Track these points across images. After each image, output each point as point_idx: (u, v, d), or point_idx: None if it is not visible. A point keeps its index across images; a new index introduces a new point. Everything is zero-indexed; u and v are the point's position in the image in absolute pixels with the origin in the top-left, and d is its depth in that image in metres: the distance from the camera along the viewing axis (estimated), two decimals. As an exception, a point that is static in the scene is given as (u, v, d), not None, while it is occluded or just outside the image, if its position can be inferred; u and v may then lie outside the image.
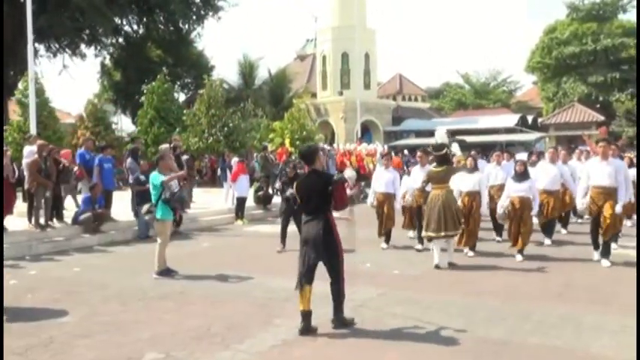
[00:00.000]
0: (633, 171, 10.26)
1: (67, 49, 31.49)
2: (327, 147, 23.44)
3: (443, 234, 7.96)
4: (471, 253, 8.94)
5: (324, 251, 5.36)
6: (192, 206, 13.72)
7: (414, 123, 38.25)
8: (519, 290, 6.82)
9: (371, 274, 7.80)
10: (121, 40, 33.68)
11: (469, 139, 24.65)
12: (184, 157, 14.12)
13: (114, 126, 25.11)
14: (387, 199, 9.78)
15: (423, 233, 8.44)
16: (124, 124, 36.59)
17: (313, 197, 5.42)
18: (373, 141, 30.96)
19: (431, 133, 36.40)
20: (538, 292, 6.72)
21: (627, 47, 38.61)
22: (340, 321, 5.41)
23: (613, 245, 8.83)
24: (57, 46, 31.03)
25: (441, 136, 8.72)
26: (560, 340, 4.99)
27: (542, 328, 5.31)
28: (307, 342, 5.10)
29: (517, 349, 4.81)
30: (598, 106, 38.11)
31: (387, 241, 9.90)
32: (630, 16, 40.87)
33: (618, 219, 8.23)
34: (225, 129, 21.00)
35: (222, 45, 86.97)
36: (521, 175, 8.91)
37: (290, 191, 9.10)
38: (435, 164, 8.48)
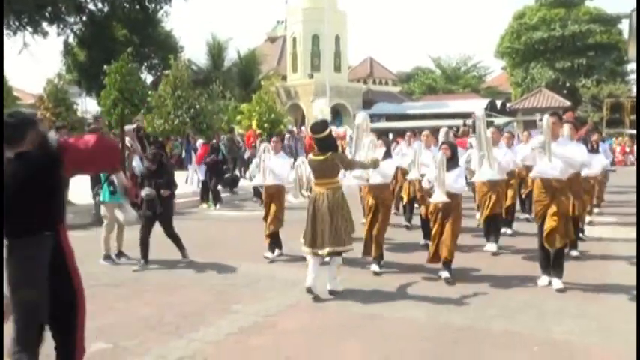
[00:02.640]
0: (596, 157, 9.24)
1: (27, 27, 30.27)
2: (295, 129, 23.18)
3: (323, 250, 5.74)
4: (376, 268, 6.80)
5: (49, 299, 3.10)
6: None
7: (385, 107, 38.19)
8: (482, 276, 6.75)
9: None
10: (85, 18, 32.52)
11: (439, 123, 24.75)
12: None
13: (76, 107, 24.26)
14: (277, 192, 7.79)
15: (302, 246, 6.08)
16: (88, 106, 35.66)
17: (22, 201, 3.05)
18: (343, 124, 30.78)
19: (401, 117, 36.46)
20: (501, 278, 6.65)
21: (593, 33, 39.23)
22: None
23: (573, 252, 7.37)
24: (17, 23, 29.79)
25: (321, 110, 6.80)
26: (522, 326, 4.92)
27: (505, 314, 5.22)
28: (265, 330, 4.91)
29: (478, 335, 4.71)
30: (565, 91, 38.67)
31: (273, 248, 7.70)
32: (596, 3, 41.59)
33: (570, 222, 6.25)
34: (192, 111, 20.53)
35: (192, 26, 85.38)
36: (448, 163, 6.45)
37: (146, 191, 7.35)
38: (315, 150, 6.10)
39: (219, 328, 4.94)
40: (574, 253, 7.46)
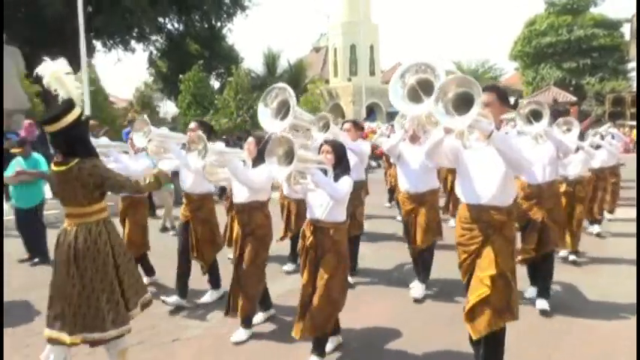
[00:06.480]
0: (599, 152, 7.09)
1: (119, 45, 31.21)
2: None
3: (60, 335, 2.96)
4: (240, 335, 4.04)
5: None
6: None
7: (412, 105, 37.56)
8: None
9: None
10: (164, 36, 33.27)
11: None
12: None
13: (158, 109, 24.97)
14: (132, 206, 5.13)
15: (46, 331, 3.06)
16: (168, 108, 36.58)
17: None
18: (377, 120, 30.52)
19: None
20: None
21: (597, 37, 37.39)
22: None
23: (540, 303, 4.46)
24: (111, 42, 30.73)
25: (54, 77, 3.11)
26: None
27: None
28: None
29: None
30: (571, 88, 37.04)
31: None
32: (600, 9, 39.64)
33: (514, 285, 2.95)
34: (251, 111, 20.85)
35: (250, 39, 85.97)
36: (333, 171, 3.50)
37: None
38: (59, 156, 3.06)
39: (222, 315, 4.31)
40: (541, 305, 4.41)
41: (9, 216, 7.53)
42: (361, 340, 4.00)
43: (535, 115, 4.20)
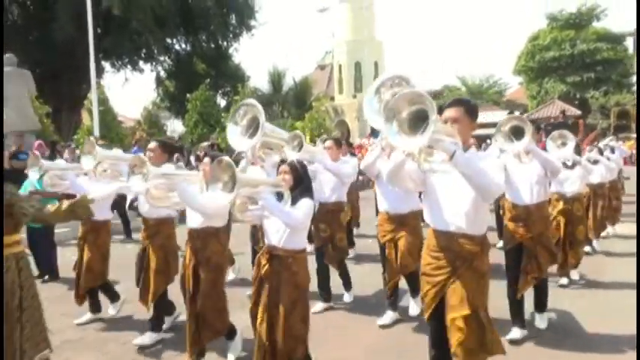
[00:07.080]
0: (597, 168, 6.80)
1: (128, 66, 31.84)
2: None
3: None
4: None
5: None
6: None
7: (417, 120, 37.68)
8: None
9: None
10: (171, 56, 33.86)
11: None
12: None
13: (165, 128, 25.32)
14: (93, 231, 4.66)
15: None
16: (176, 126, 37.00)
17: None
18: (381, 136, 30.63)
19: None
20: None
21: (600, 51, 37.55)
22: None
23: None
24: (119, 63, 31.37)
25: None
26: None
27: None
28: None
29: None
30: (576, 102, 37.05)
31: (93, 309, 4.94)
32: (603, 24, 39.78)
33: (488, 323, 2.67)
34: (257, 129, 21.06)
35: (256, 58, 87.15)
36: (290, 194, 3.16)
37: None
38: None
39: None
40: (540, 322, 4.45)
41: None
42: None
43: (516, 133, 3.89)
